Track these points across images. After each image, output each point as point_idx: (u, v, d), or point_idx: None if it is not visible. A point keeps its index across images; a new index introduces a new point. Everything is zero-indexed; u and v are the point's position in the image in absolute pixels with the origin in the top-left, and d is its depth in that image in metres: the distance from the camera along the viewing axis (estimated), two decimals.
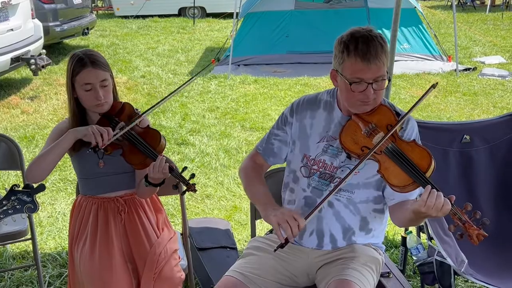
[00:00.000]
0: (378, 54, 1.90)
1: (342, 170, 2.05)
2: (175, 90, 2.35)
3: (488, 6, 15.27)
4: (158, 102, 2.32)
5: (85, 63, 2.19)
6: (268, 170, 2.50)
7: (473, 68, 8.41)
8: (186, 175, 2.16)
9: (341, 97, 2.08)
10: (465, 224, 1.76)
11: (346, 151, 2.01)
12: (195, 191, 2.13)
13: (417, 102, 1.98)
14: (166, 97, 2.36)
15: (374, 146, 1.91)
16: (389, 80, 1.99)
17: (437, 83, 2.05)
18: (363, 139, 1.96)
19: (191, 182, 2.13)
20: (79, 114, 2.28)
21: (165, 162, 2.13)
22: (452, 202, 1.77)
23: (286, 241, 1.90)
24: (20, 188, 1.79)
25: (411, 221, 1.96)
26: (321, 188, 2.09)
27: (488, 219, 1.78)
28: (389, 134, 1.91)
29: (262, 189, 2.17)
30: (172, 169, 2.13)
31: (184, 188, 2.14)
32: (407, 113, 1.97)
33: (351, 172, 1.94)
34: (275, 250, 1.96)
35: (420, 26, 8.90)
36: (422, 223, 2.69)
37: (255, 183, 2.21)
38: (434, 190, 1.77)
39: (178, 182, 2.18)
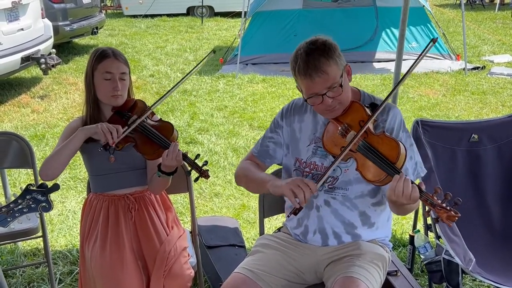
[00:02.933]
0: (319, 66, 1.93)
1: (334, 170, 2.07)
2: (182, 79, 2.39)
3: (497, 5, 15.20)
4: (165, 94, 2.36)
5: (108, 54, 2.29)
6: (276, 169, 2.52)
7: (482, 67, 8.38)
8: (199, 162, 2.19)
9: None
10: (435, 207, 1.78)
11: (330, 154, 2.05)
12: (208, 177, 2.16)
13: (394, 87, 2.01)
14: (173, 87, 2.38)
15: (346, 146, 1.93)
16: (342, 86, 1.98)
17: (437, 37, 2.06)
18: (340, 139, 2.00)
19: (204, 168, 2.16)
20: (96, 107, 2.33)
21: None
22: (422, 188, 1.80)
23: (300, 207, 1.93)
24: (35, 188, 1.83)
25: (397, 209, 1.98)
26: None
27: (459, 199, 1.79)
28: (360, 133, 1.92)
29: (263, 174, 2.21)
30: (185, 156, 2.16)
31: (197, 174, 2.16)
32: (383, 102, 2.00)
33: (330, 167, 1.96)
34: (288, 216, 1.98)
35: (429, 25, 8.88)
36: (430, 223, 2.71)
37: (256, 173, 2.22)
38: (402, 177, 1.80)
39: (191, 169, 2.21)
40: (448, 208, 1.76)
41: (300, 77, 1.98)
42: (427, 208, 1.82)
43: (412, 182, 1.80)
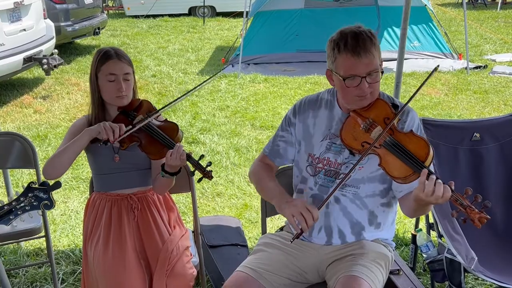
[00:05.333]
0: (368, 47, 1.94)
1: (347, 166, 2.09)
2: (194, 88, 2.42)
3: (499, 4, 15.18)
4: (175, 100, 2.39)
5: (111, 55, 2.28)
6: (279, 168, 2.53)
7: (484, 66, 8.37)
8: (202, 163, 2.19)
9: (339, 95, 2.12)
10: (466, 208, 1.76)
11: (347, 148, 2.04)
12: (211, 178, 2.16)
13: (417, 90, 2.01)
14: (184, 94, 2.43)
15: (373, 141, 1.93)
16: (382, 72, 2.01)
17: (438, 65, 2.06)
18: (362, 134, 2.00)
19: (208, 169, 2.16)
20: (101, 107, 2.34)
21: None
22: (452, 188, 1.78)
23: (301, 232, 1.92)
24: (36, 186, 1.83)
25: (416, 210, 1.96)
26: (327, 185, 2.13)
27: (489, 202, 1.78)
28: (387, 128, 1.93)
29: (273, 185, 2.20)
30: (189, 156, 2.17)
31: (201, 175, 2.17)
32: (405, 104, 2.00)
33: (356, 164, 1.96)
34: (291, 241, 1.97)
35: (431, 24, 8.87)
36: (432, 221, 2.71)
37: (266, 181, 2.23)
38: (433, 176, 1.78)
39: (195, 170, 2.21)
40: (479, 210, 1.75)
41: (346, 54, 1.95)
42: (456, 208, 1.79)
43: (444, 182, 1.77)
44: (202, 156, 2.21)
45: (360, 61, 1.93)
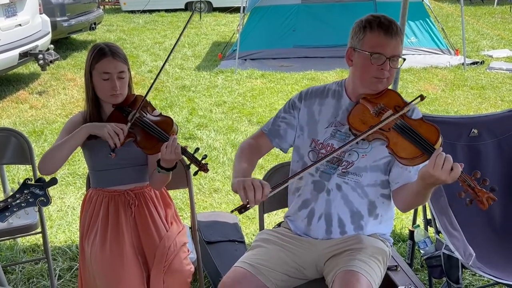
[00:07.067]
0: (398, 32, 2.03)
1: (350, 154, 2.09)
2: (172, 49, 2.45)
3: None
4: (158, 74, 2.37)
5: (105, 52, 2.25)
6: (275, 164, 2.52)
7: (481, 62, 8.37)
8: (198, 156, 2.17)
9: (354, 76, 2.13)
10: (474, 189, 1.79)
11: (354, 131, 2.05)
12: (207, 171, 2.14)
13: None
14: (165, 62, 2.47)
15: (380, 121, 1.96)
16: (404, 60, 2.09)
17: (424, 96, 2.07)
18: (372, 119, 2.02)
19: (203, 162, 2.15)
20: (96, 104, 2.32)
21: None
22: (461, 169, 1.79)
23: (247, 205, 1.88)
24: (32, 182, 1.82)
25: (417, 194, 1.95)
26: (329, 172, 2.13)
27: (496, 186, 1.82)
28: (400, 113, 1.95)
29: (244, 167, 2.15)
30: (184, 149, 2.15)
31: (196, 168, 2.15)
32: (413, 100, 2.00)
33: (354, 140, 1.98)
34: (232, 212, 1.94)
35: (428, 20, 8.87)
36: (430, 217, 2.71)
37: (242, 161, 2.20)
38: (443, 153, 1.79)
39: (190, 163, 2.20)
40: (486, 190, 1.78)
41: (379, 32, 2.01)
42: (463, 188, 1.81)
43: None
44: (197, 149, 2.20)
45: (390, 41, 2.01)
